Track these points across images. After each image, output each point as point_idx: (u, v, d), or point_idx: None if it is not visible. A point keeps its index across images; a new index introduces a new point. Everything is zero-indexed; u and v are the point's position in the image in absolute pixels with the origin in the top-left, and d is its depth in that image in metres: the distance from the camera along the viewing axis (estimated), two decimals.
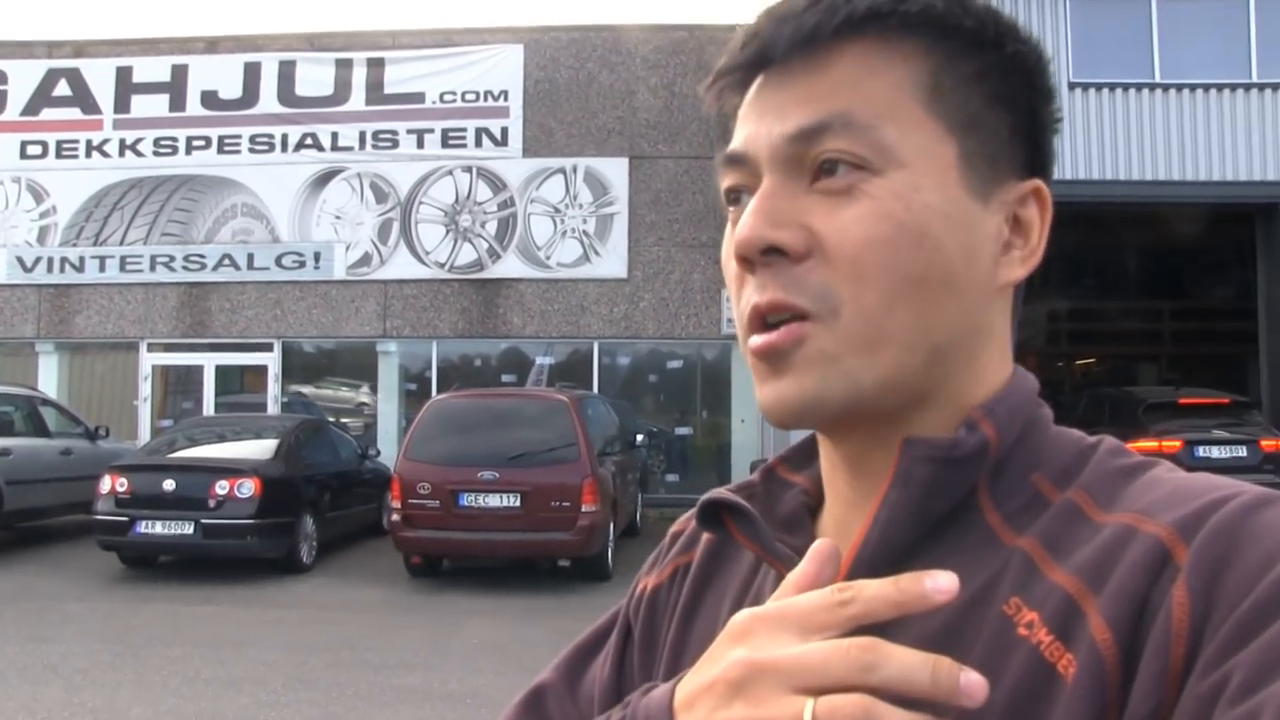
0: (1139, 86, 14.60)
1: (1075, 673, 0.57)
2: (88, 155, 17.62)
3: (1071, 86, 14.52)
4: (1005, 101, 0.70)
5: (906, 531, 0.66)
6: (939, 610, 0.62)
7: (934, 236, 0.66)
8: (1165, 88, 14.59)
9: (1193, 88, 14.54)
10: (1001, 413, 0.69)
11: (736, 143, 0.72)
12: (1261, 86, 14.45)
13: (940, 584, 0.46)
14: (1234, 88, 14.53)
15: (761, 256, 0.67)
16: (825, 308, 0.66)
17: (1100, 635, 0.57)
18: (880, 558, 0.66)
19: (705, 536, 0.85)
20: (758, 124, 0.70)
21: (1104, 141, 14.53)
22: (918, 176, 0.66)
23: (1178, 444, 12.44)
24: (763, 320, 0.68)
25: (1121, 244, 20.77)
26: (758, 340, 0.68)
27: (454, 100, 17.21)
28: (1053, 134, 0.75)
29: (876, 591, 0.46)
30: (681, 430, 17.36)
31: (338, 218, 17.16)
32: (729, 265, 0.72)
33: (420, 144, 17.20)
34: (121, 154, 17.58)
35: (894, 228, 0.65)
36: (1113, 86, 14.56)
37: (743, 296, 0.70)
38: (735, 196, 0.73)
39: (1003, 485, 0.68)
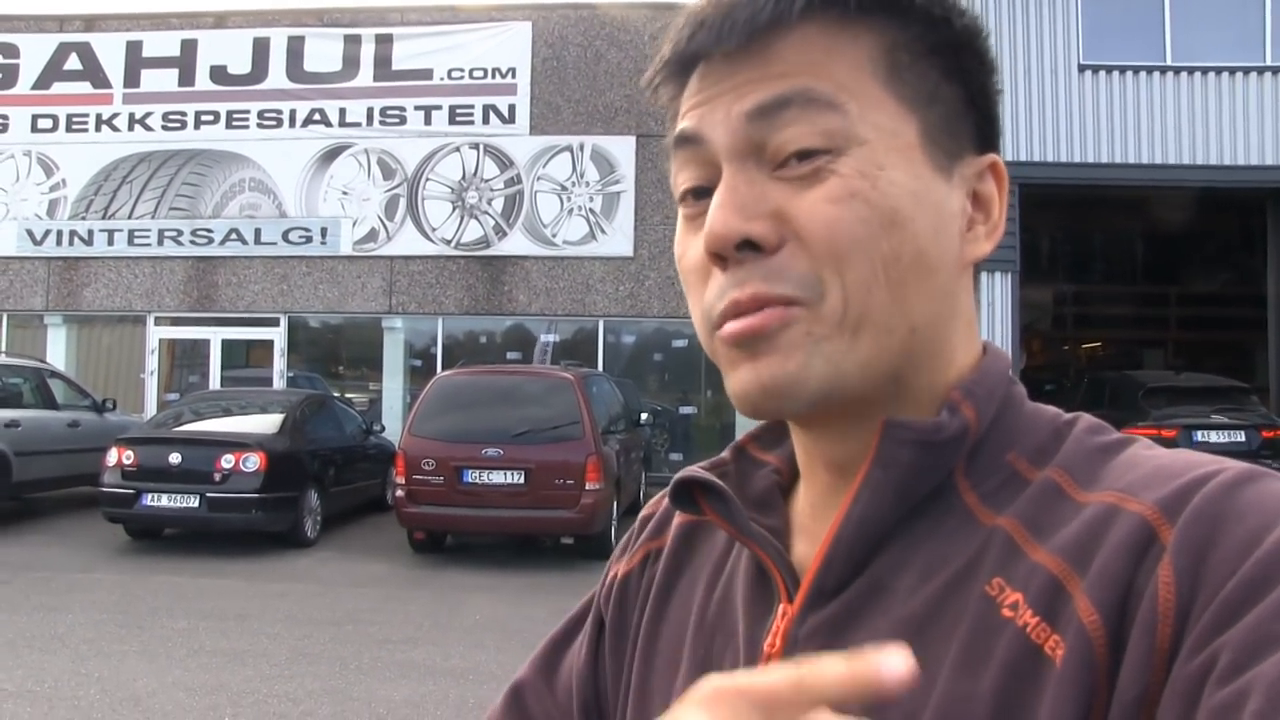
0: (1150, 69, 14.49)
1: (1064, 655, 0.56)
2: (97, 129, 17.65)
3: (1082, 69, 14.43)
4: (958, 76, 0.69)
5: (885, 513, 0.66)
6: (919, 591, 0.63)
7: (905, 214, 0.65)
8: (1177, 70, 14.46)
9: (1204, 70, 14.41)
10: (980, 393, 0.68)
11: (688, 123, 0.69)
12: (1275, 70, 14.31)
13: (892, 668, 0.43)
14: (1246, 71, 14.39)
15: (735, 252, 0.65)
16: (811, 294, 0.64)
17: (1088, 617, 0.56)
18: (859, 539, 0.66)
19: (676, 521, 0.85)
20: (709, 107, 0.68)
21: (1114, 125, 14.44)
22: (880, 154, 0.65)
23: (1176, 429, 12.48)
24: (738, 314, 0.66)
25: (1129, 228, 20.69)
26: (735, 325, 0.65)
27: (462, 77, 17.19)
28: (998, 107, 0.74)
29: (834, 675, 0.44)
30: (685, 409, 17.38)
31: (345, 193, 17.17)
32: (688, 260, 0.70)
33: (428, 120, 17.19)
34: (131, 128, 17.60)
35: (863, 205, 0.64)
36: (1123, 69, 14.45)
37: (709, 290, 0.68)
38: (695, 193, 0.70)
39: (979, 465, 0.67)
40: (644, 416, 13.72)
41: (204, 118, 17.46)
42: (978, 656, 0.59)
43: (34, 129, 17.77)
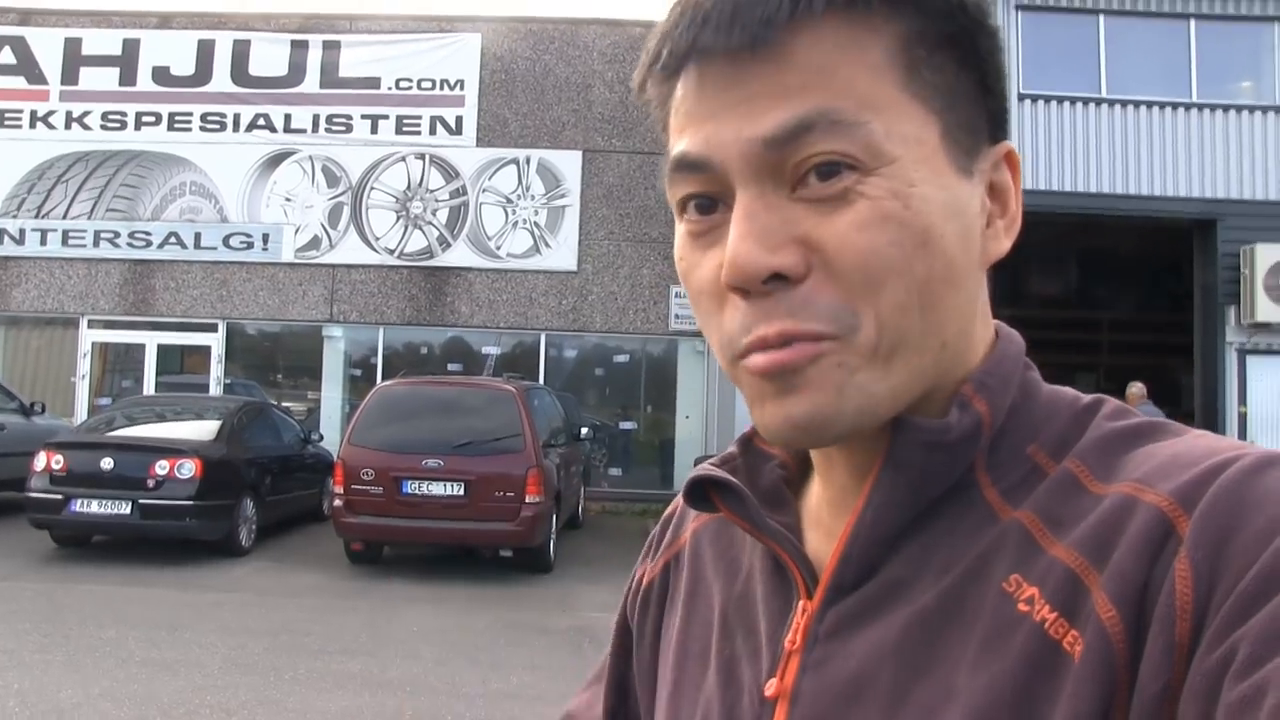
0: (1086, 100, 14.86)
1: (1083, 652, 0.55)
2: (32, 126, 17.24)
3: (1021, 98, 14.74)
4: (971, 62, 0.66)
5: (900, 512, 0.65)
6: (936, 586, 0.63)
7: (936, 231, 0.62)
8: (1111, 103, 14.86)
9: (1137, 104, 14.83)
10: (993, 385, 0.67)
11: (694, 145, 0.63)
12: (1200, 107, 14.81)
13: None
14: (1175, 106, 14.84)
15: (760, 286, 0.61)
16: (843, 327, 0.61)
17: (1106, 613, 0.55)
18: (875, 536, 0.66)
19: (691, 525, 0.85)
20: (716, 124, 0.62)
21: (1050, 153, 14.76)
22: (909, 169, 0.61)
23: None
24: (765, 348, 0.63)
25: (1063, 254, 21.10)
26: (762, 359, 0.62)
27: (409, 87, 17.10)
28: (1007, 87, 0.69)
29: None
30: (625, 425, 17.38)
31: (288, 200, 16.97)
32: (698, 280, 0.66)
33: (374, 129, 17.06)
34: (68, 126, 17.23)
35: (897, 229, 0.60)
36: (1060, 99, 14.81)
37: (728, 318, 0.64)
38: (693, 201, 0.66)
39: (1000, 458, 0.66)
40: (584, 431, 13.74)
41: (145, 119, 17.14)
42: (995, 651, 0.58)
43: None
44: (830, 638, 0.67)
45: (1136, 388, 12.25)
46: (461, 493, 10.12)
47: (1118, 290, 22.30)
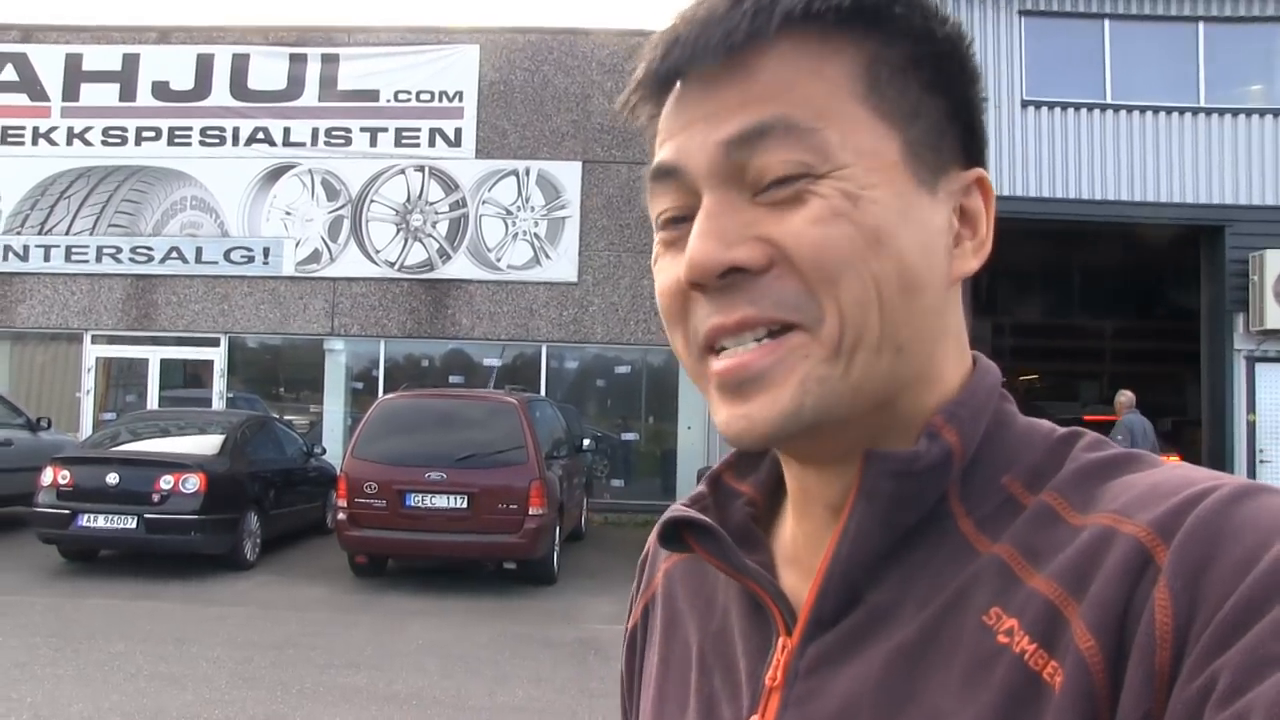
0: (1091, 107, 14.81)
1: (1062, 683, 0.55)
2: (34, 143, 17.32)
3: (1024, 105, 14.71)
4: (940, 88, 0.68)
5: (875, 543, 0.65)
6: (916, 619, 0.63)
7: (889, 232, 0.63)
8: (1116, 108, 14.78)
9: (1143, 110, 14.73)
10: (964, 416, 0.67)
11: (666, 154, 0.68)
12: (1209, 111, 14.71)
13: None
14: (1182, 111, 14.73)
15: (717, 280, 0.64)
16: (808, 317, 0.63)
17: (1085, 644, 0.55)
18: (851, 570, 0.66)
19: (663, 566, 0.86)
20: (688, 134, 0.66)
21: (1055, 160, 14.69)
22: (861, 175, 0.63)
23: None
24: (713, 345, 0.66)
25: (1068, 261, 21.06)
26: (722, 363, 0.65)
27: (408, 99, 17.15)
28: (983, 117, 0.72)
29: None
30: (627, 436, 17.40)
31: (288, 214, 17.02)
32: (662, 284, 0.69)
33: (373, 142, 17.11)
34: (69, 143, 17.30)
35: (849, 226, 0.63)
36: (1065, 106, 14.76)
37: (693, 317, 0.67)
38: (670, 220, 0.69)
39: (973, 489, 0.66)
40: (586, 443, 13.75)
41: (145, 134, 17.21)
42: (977, 684, 0.59)
43: None
44: (811, 674, 0.67)
45: (1125, 396, 12.25)
46: (464, 505, 10.14)
47: (1122, 298, 22.19)
